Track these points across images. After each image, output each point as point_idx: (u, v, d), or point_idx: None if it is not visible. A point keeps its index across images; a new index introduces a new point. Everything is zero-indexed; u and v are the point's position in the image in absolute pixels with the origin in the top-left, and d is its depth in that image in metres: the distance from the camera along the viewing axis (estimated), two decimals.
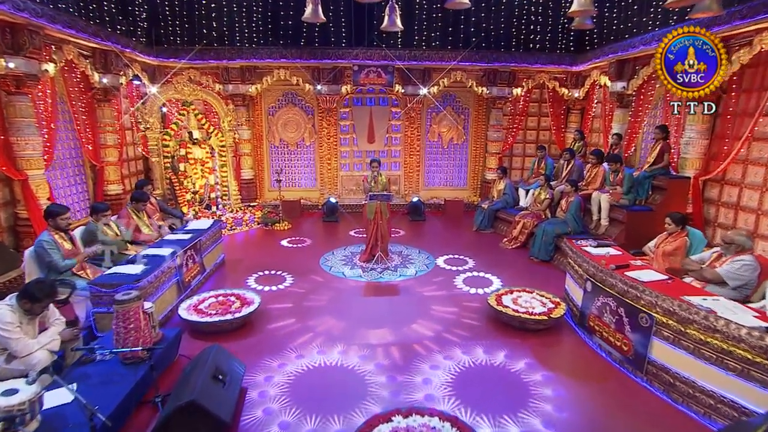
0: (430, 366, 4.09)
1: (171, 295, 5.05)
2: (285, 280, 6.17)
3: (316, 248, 7.64)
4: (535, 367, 4.11)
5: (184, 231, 6.09)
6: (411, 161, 10.52)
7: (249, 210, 9.30)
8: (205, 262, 6.12)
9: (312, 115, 10.22)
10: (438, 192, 10.76)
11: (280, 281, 6.15)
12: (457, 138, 10.59)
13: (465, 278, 6.34)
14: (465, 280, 6.28)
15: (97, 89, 7.19)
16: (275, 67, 9.25)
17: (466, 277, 6.41)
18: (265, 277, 6.30)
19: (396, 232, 8.55)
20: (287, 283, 6.10)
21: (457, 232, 8.89)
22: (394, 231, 8.30)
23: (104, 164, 7.61)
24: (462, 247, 7.81)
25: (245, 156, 9.96)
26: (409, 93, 9.74)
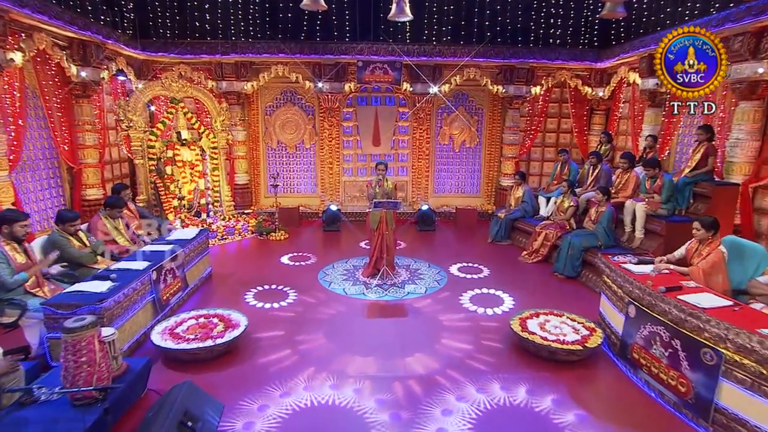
0: (442, 411, 3.53)
1: (145, 316, 4.53)
2: (278, 298, 5.65)
3: (314, 261, 7.12)
4: (568, 405, 3.56)
5: (165, 241, 5.59)
6: (419, 166, 10.07)
7: (243, 218, 8.84)
8: (188, 277, 5.62)
9: (312, 115, 9.81)
10: (449, 199, 10.29)
11: (272, 299, 5.63)
12: (470, 141, 10.12)
13: (481, 296, 5.80)
14: (481, 298, 5.74)
15: (75, 84, 6.78)
16: (273, 62, 8.88)
17: (483, 294, 5.86)
18: (256, 293, 5.79)
19: (402, 243, 8.01)
20: (281, 301, 5.58)
21: (470, 243, 8.36)
22: (400, 242, 7.78)
23: (82, 166, 7.19)
24: (477, 260, 7.29)
25: (239, 159, 9.57)
26: (418, 91, 9.32)
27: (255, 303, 5.50)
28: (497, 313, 5.32)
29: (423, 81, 9.13)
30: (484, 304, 5.57)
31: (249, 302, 5.52)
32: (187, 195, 8.18)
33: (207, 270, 6.31)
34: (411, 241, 8.35)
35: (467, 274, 6.67)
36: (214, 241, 7.88)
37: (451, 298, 5.74)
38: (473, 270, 6.83)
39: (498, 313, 5.33)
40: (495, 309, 5.44)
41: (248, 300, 5.59)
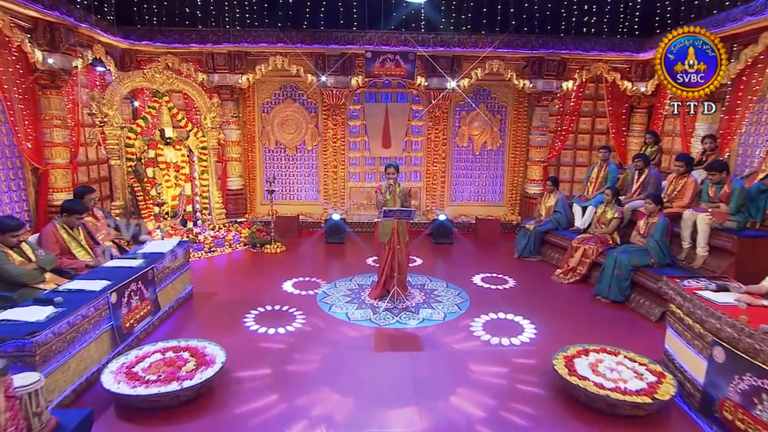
0: None
1: (99, 349, 3.84)
2: (270, 323, 4.94)
3: (313, 278, 6.42)
4: None
5: (134, 255, 4.92)
6: (435, 170, 9.46)
7: (235, 227, 8.20)
8: (162, 298, 4.94)
9: (315, 113, 9.27)
10: (468, 208, 9.64)
11: (263, 324, 4.91)
12: (492, 143, 9.47)
13: (511, 324, 5.05)
14: (510, 326, 4.98)
15: (41, 72, 6.23)
16: (271, 53, 8.34)
17: (513, 322, 5.11)
18: (242, 318, 5.07)
19: (418, 260, 7.29)
20: (272, 328, 4.86)
21: (493, 258, 7.65)
22: (414, 258, 7.08)
23: (49, 167, 6.60)
24: (502, 279, 6.55)
25: (233, 161, 9.03)
26: (433, 87, 8.73)
27: (240, 330, 4.78)
28: (533, 347, 4.56)
29: (439, 75, 8.55)
30: (515, 333, 4.82)
31: (233, 329, 4.81)
32: (171, 201, 7.55)
33: (187, 289, 5.63)
34: (426, 257, 7.66)
35: (494, 297, 5.93)
36: (200, 254, 7.26)
37: (475, 327, 4.98)
38: (499, 293, 6.10)
39: (534, 346, 4.57)
40: (528, 340, 4.68)
41: (233, 326, 4.88)
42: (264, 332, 4.78)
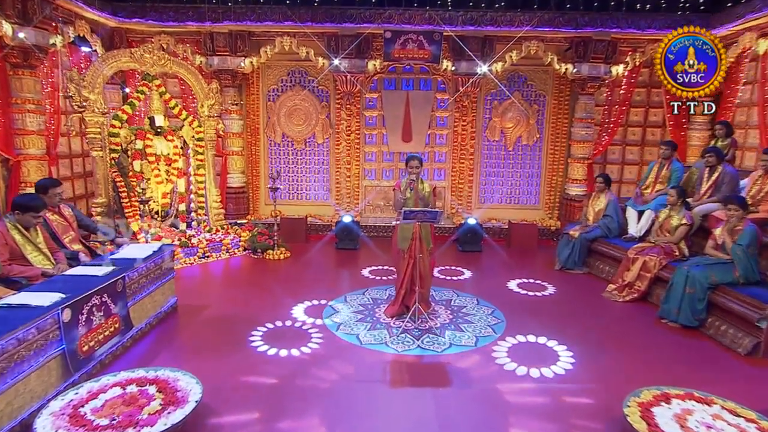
0: None
1: (43, 381, 3.20)
2: (260, 347, 4.25)
3: (320, 290, 5.76)
4: None
5: (103, 262, 4.29)
6: (462, 168, 8.80)
7: (234, 230, 7.59)
8: (135, 314, 4.29)
9: (327, 102, 8.71)
10: (499, 212, 8.95)
11: (254, 348, 4.23)
12: (528, 137, 8.77)
13: (556, 353, 4.26)
14: (557, 356, 4.20)
15: (12, 49, 5.71)
16: (277, 32, 7.80)
17: (559, 350, 4.32)
18: (229, 340, 4.40)
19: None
20: (268, 350, 4.17)
21: (531, 270, 6.91)
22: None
23: (20, 158, 6.09)
24: (543, 296, 5.84)
25: (234, 155, 8.50)
26: (461, 72, 8.07)
27: (228, 355, 4.10)
28: (590, 384, 3.78)
29: (469, 58, 7.86)
30: (564, 365, 4.04)
31: (219, 354, 4.13)
32: (161, 198, 6.96)
33: (169, 302, 4.99)
34: (451, 266, 6.90)
35: (534, 317, 5.16)
36: (192, 260, 6.66)
37: (515, 354, 4.21)
38: (540, 313, 5.34)
39: (591, 383, 3.78)
40: (583, 375, 3.89)
41: (219, 350, 4.20)
42: (256, 359, 4.09)
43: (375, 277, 6.35)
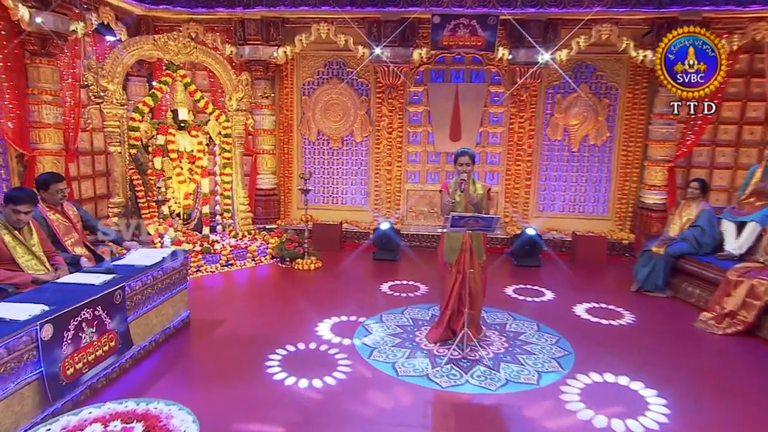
0: None
1: (14, 411, 2.80)
2: (276, 375, 3.74)
3: (352, 306, 5.26)
4: None
5: (104, 268, 3.92)
6: (518, 171, 8.20)
7: (262, 236, 7.23)
8: (136, 331, 3.89)
9: (366, 96, 8.31)
10: (561, 221, 8.26)
11: (270, 374, 3.73)
12: (596, 136, 8.06)
13: (641, 398, 3.54)
14: (643, 403, 3.47)
15: (29, 35, 5.53)
16: (313, 18, 7.41)
17: (647, 395, 3.61)
18: (242, 364, 3.93)
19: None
20: (287, 378, 3.65)
21: (601, 291, 6.18)
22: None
23: (36, 153, 5.93)
24: (618, 323, 5.06)
25: (264, 154, 8.16)
26: (520, 61, 7.47)
27: (238, 383, 3.60)
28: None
29: (528, 45, 7.25)
30: (652, 415, 3.28)
31: (228, 381, 3.64)
32: (183, 200, 6.67)
33: (180, 316, 4.59)
34: (506, 284, 6.24)
35: (609, 350, 4.43)
36: (214, 268, 6.31)
37: (590, 398, 3.51)
38: (617, 344, 4.62)
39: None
40: (676, 429, 3.14)
41: (229, 377, 3.71)
42: (270, 390, 3.58)
43: (417, 291, 5.74)
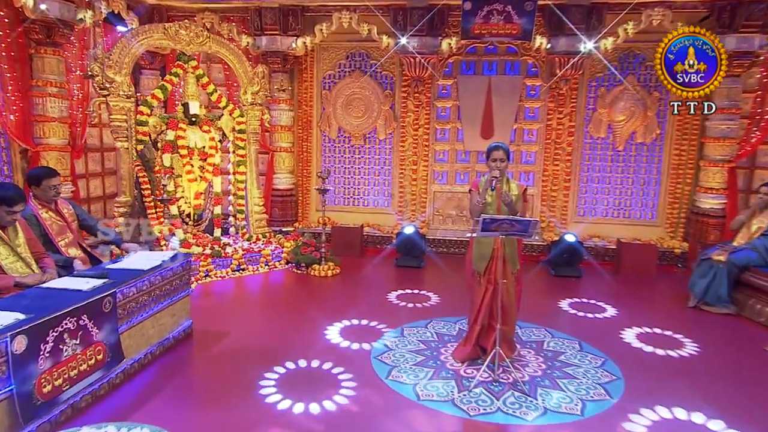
0: None
1: None
2: (285, 397, 3.41)
3: (369, 317, 4.93)
4: None
5: (95, 272, 3.67)
6: (556, 171, 7.84)
7: (277, 239, 7.01)
8: (129, 342, 3.62)
9: (391, 90, 8.07)
10: (604, 227, 7.85)
11: (273, 395, 3.42)
12: (645, 133, 7.60)
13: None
14: None
15: (33, 23, 5.42)
16: (335, 6, 7.25)
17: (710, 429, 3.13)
18: (239, 382, 3.62)
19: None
20: (289, 402, 3.33)
21: (652, 305, 5.81)
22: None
23: (40, 148, 5.83)
24: (674, 343, 4.56)
25: (282, 152, 7.99)
26: (559, 51, 7.10)
27: (237, 404, 3.30)
28: None
29: (569, 33, 6.84)
30: None
31: (227, 402, 3.33)
32: (194, 199, 6.46)
33: (181, 325, 4.32)
34: (542, 296, 5.86)
35: (664, 375, 4.00)
36: (224, 273, 6.11)
37: None
38: (673, 368, 4.17)
39: None
40: None
41: (227, 397, 3.41)
42: (275, 414, 3.25)
43: (442, 302, 5.36)
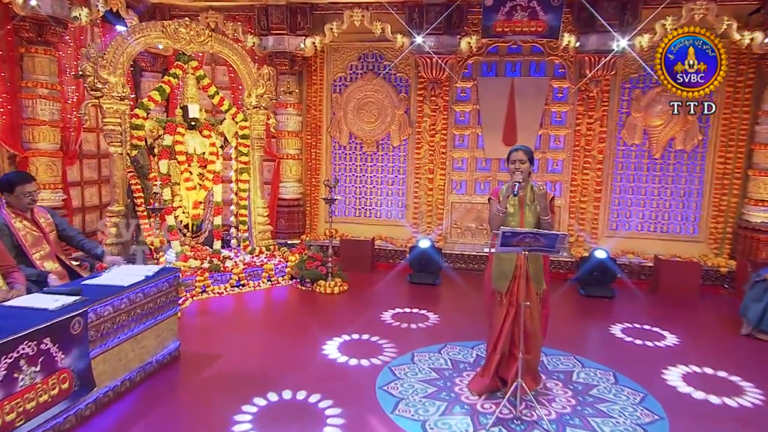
0: None
1: None
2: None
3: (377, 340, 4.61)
4: None
5: (68, 288, 3.41)
6: (585, 181, 7.57)
7: (281, 252, 6.78)
8: (103, 368, 3.35)
9: (406, 93, 7.88)
10: (639, 242, 7.52)
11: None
12: (685, 139, 7.24)
13: None
14: None
15: (24, 20, 5.33)
16: (346, 4, 7.13)
17: None
18: (233, 412, 3.29)
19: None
20: None
21: (697, 332, 5.32)
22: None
23: (29, 153, 5.72)
24: (725, 381, 4.13)
25: (289, 160, 7.86)
26: (589, 49, 6.84)
27: None
28: None
29: (601, 29, 6.57)
30: None
31: None
32: (192, 209, 6.24)
33: (167, 348, 4.05)
34: (570, 318, 5.51)
35: (716, 420, 3.58)
36: (222, 289, 5.86)
37: None
38: (726, 411, 3.73)
39: None
40: None
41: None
42: None
43: (458, 324, 4.98)
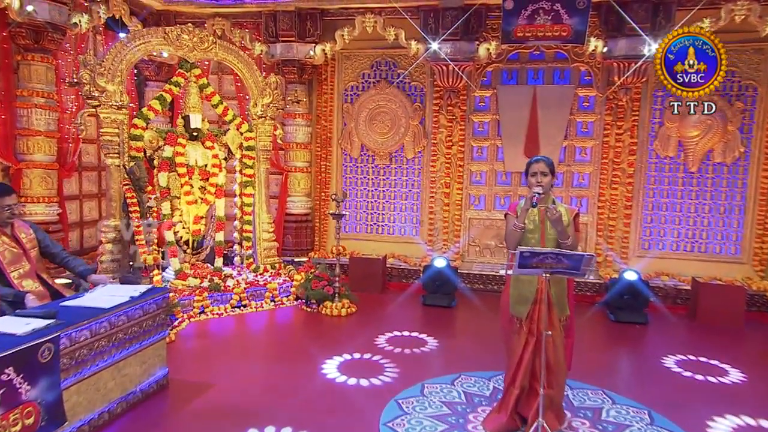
0: None
1: None
2: None
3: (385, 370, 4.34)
4: None
5: (45, 311, 3.21)
6: (614, 197, 7.28)
7: (287, 270, 6.62)
8: (74, 401, 3.15)
9: (421, 102, 7.71)
10: (674, 263, 7.16)
11: None
12: (725, 151, 6.93)
13: None
14: None
15: (20, 27, 5.30)
16: (357, 9, 7.05)
17: None
18: None
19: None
20: None
21: (744, 366, 4.87)
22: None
23: (23, 165, 5.65)
24: None
25: (297, 173, 7.72)
26: (618, 55, 6.66)
27: None
28: None
29: (631, 33, 6.40)
30: None
31: None
32: (192, 224, 6.08)
33: (154, 376, 3.84)
34: (598, 347, 5.20)
35: None
36: (221, 310, 5.67)
37: None
38: None
39: None
40: None
41: None
42: None
43: (475, 351, 4.68)
